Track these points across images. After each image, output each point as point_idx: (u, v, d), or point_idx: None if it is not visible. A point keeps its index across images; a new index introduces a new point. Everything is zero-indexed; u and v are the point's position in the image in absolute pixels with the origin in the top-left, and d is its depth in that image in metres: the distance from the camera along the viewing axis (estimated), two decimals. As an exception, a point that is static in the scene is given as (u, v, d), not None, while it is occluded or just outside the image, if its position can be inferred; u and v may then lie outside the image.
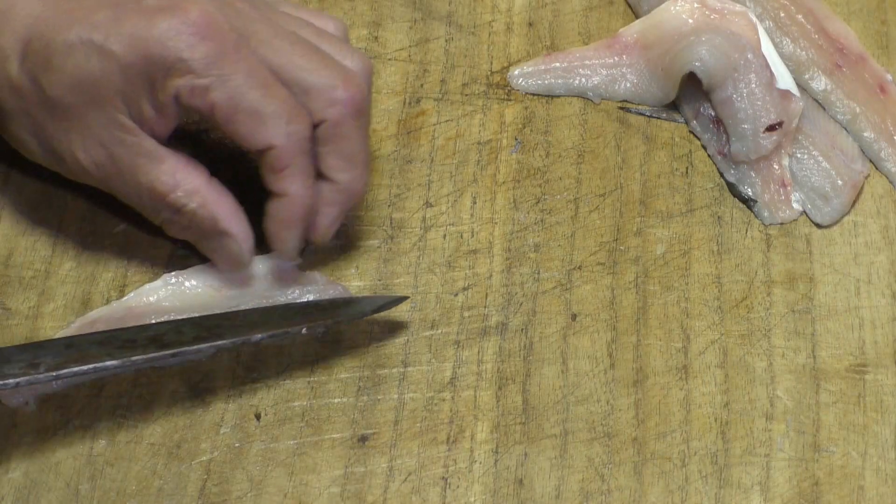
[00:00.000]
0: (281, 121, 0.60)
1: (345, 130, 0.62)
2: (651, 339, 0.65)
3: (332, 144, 0.62)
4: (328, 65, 0.61)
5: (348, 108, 0.61)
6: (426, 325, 0.65)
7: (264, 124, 0.60)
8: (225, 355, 0.64)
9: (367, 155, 0.63)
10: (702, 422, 0.63)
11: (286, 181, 0.61)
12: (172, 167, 0.61)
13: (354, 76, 0.62)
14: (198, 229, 0.62)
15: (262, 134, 0.60)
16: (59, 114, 0.60)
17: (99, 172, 0.62)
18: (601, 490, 0.61)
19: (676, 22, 0.70)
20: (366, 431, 0.62)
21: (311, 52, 0.62)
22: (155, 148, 0.61)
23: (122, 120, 0.60)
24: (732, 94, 0.69)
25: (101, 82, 0.59)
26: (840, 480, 0.61)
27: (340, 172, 0.62)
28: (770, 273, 0.67)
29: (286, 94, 0.60)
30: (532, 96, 0.73)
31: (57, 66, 0.59)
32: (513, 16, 0.76)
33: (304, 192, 0.62)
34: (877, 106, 0.72)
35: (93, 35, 0.59)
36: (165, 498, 0.60)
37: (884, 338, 0.66)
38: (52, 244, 0.66)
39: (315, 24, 0.64)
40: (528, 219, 0.69)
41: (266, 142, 0.60)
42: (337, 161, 0.62)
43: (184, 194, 0.61)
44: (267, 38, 0.61)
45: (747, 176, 0.70)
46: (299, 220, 0.62)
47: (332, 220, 0.63)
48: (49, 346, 0.60)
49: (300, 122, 0.60)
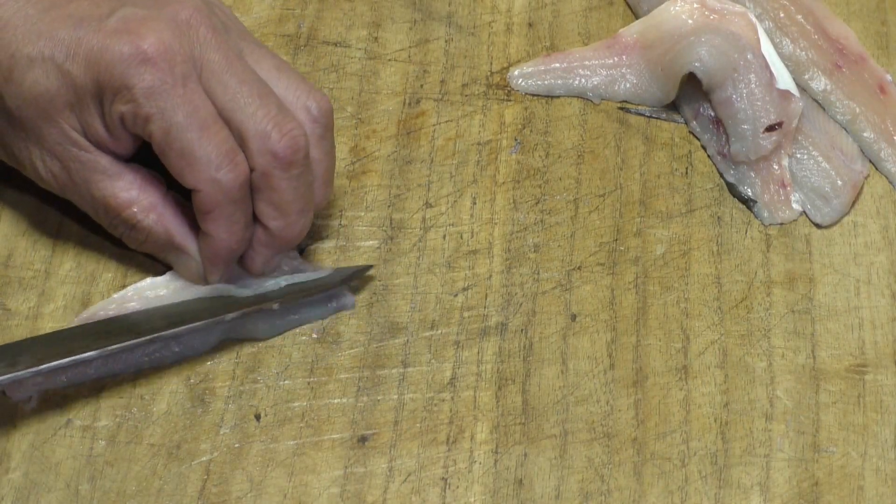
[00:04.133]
0: (210, 167, 0.59)
1: (274, 181, 0.60)
2: (651, 340, 0.65)
3: (263, 192, 0.61)
4: (270, 111, 0.60)
5: (278, 161, 0.60)
6: (426, 326, 0.65)
7: (192, 167, 0.59)
8: (224, 355, 0.64)
9: (304, 203, 0.62)
10: (702, 422, 0.63)
11: (210, 224, 0.61)
12: (128, 183, 0.61)
13: (293, 127, 0.60)
14: (154, 244, 0.63)
15: (190, 176, 0.59)
16: (18, 124, 0.61)
17: (56, 183, 0.62)
18: (601, 490, 0.61)
19: (676, 22, 0.70)
20: (366, 432, 0.62)
21: (259, 93, 0.60)
22: (110, 164, 0.61)
23: (75, 137, 0.60)
24: (732, 94, 0.69)
25: (57, 99, 0.59)
26: (840, 480, 0.61)
27: (270, 220, 0.62)
28: (770, 273, 0.67)
29: (224, 137, 0.59)
30: (532, 97, 0.73)
31: (17, 78, 0.59)
32: (513, 16, 0.76)
33: (228, 236, 0.61)
34: (877, 106, 0.72)
35: (54, 52, 0.59)
36: (165, 498, 0.60)
37: (884, 338, 0.66)
38: (52, 244, 0.66)
39: (283, 63, 0.63)
40: (527, 219, 0.69)
41: (192, 185, 0.60)
42: (267, 208, 0.61)
43: (139, 210, 0.61)
44: (218, 71, 0.60)
45: (747, 176, 0.70)
46: (222, 260, 0.62)
47: (265, 260, 0.63)
48: (27, 344, 0.61)
49: (231, 171, 0.59)
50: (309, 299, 0.64)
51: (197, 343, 0.63)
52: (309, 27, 0.75)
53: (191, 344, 0.63)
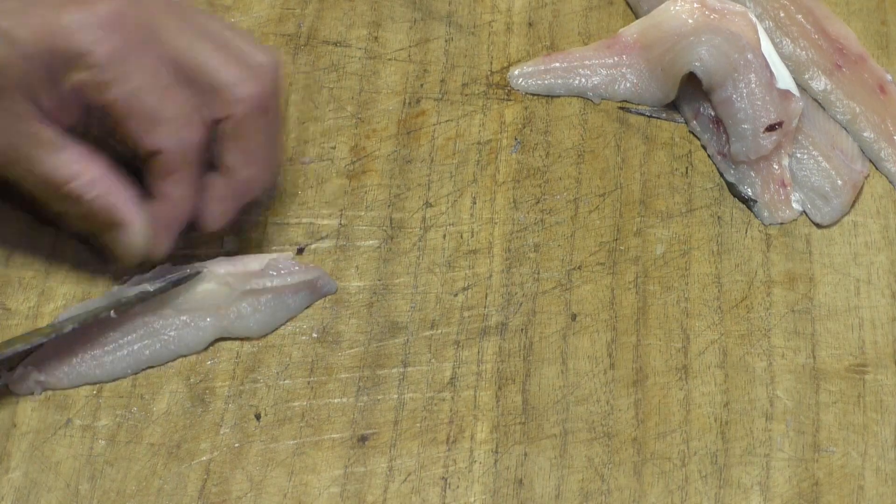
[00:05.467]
0: (174, 127, 0.60)
1: (248, 128, 0.61)
2: (651, 339, 0.65)
3: (234, 141, 0.62)
4: (234, 61, 0.61)
5: (253, 106, 0.61)
6: (426, 325, 0.65)
7: (156, 128, 0.60)
8: (224, 355, 0.64)
9: (271, 151, 0.63)
10: (702, 422, 0.63)
11: (170, 186, 0.61)
12: (73, 156, 0.61)
13: (261, 72, 0.62)
14: (96, 220, 0.62)
15: (153, 137, 0.60)
16: None
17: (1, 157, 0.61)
18: (601, 490, 0.61)
19: (676, 22, 0.70)
20: (366, 431, 0.62)
21: (218, 48, 0.61)
22: (54, 137, 0.60)
23: (20, 108, 0.59)
24: (732, 94, 0.69)
25: (4, 71, 0.58)
26: (840, 480, 0.62)
27: (241, 168, 0.62)
28: (770, 273, 0.67)
29: (184, 98, 0.60)
30: (532, 96, 0.73)
31: None
32: (513, 16, 0.76)
33: (187, 198, 0.62)
34: (877, 106, 0.72)
35: (1, 23, 0.58)
36: (165, 498, 0.60)
37: (884, 338, 0.66)
38: (52, 244, 0.66)
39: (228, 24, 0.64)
40: (527, 219, 0.69)
41: (156, 146, 0.60)
42: (237, 157, 0.62)
43: (84, 183, 0.61)
44: (175, 32, 0.61)
45: (747, 176, 0.70)
46: (178, 224, 0.63)
47: (225, 212, 0.64)
48: None
49: (193, 131, 0.60)
50: (290, 289, 0.64)
51: (191, 339, 0.63)
52: (309, 27, 0.75)
53: (185, 341, 0.63)
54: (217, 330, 0.64)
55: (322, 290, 0.65)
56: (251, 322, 0.64)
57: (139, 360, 0.63)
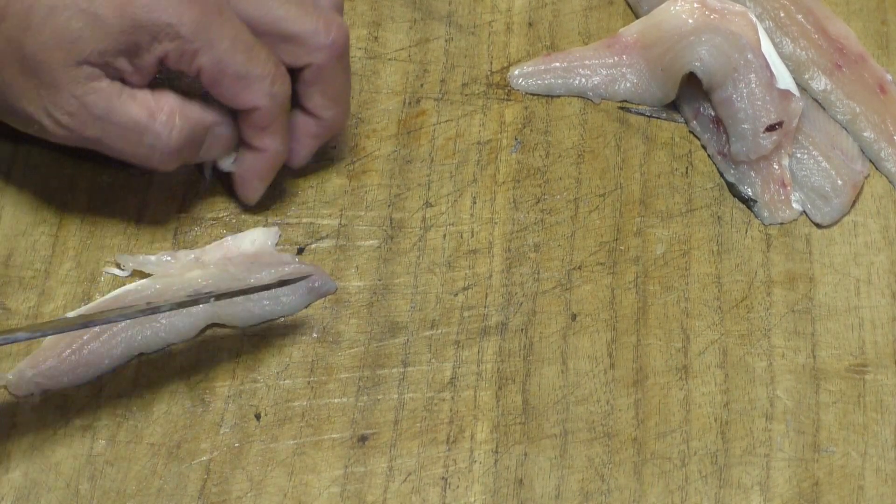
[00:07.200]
0: (265, 83, 0.63)
1: (330, 73, 0.65)
2: (651, 339, 0.65)
3: (318, 86, 0.65)
4: (308, 11, 0.64)
5: (334, 52, 0.64)
6: (426, 325, 0.65)
7: (249, 87, 0.63)
8: (224, 354, 0.64)
9: (349, 91, 0.67)
10: (702, 422, 0.63)
11: (267, 139, 0.65)
12: (147, 97, 0.62)
13: (335, 18, 0.65)
14: (190, 140, 0.64)
15: (248, 96, 0.63)
16: (32, 72, 0.61)
17: (73, 122, 0.62)
18: (601, 490, 0.61)
19: (676, 22, 0.70)
20: (366, 431, 0.62)
21: (288, 1, 0.64)
22: (125, 88, 0.62)
23: (94, 73, 0.61)
24: (732, 94, 0.69)
25: (80, 42, 0.60)
26: (840, 480, 0.62)
27: (325, 110, 0.66)
28: (770, 273, 0.67)
29: (267, 54, 0.63)
30: (532, 96, 0.73)
31: (37, 26, 0.60)
32: (513, 16, 0.76)
33: (283, 147, 0.66)
34: (877, 106, 0.72)
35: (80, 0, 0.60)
36: (165, 498, 0.60)
37: (884, 338, 0.66)
38: (52, 244, 0.66)
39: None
40: (527, 219, 0.69)
41: (251, 103, 0.63)
42: (322, 100, 0.66)
43: (168, 113, 0.62)
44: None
45: (747, 176, 0.70)
46: (273, 173, 0.67)
47: (312, 149, 0.68)
48: None
49: (284, 83, 0.64)
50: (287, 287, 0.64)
51: (182, 327, 0.63)
52: (309, 27, 0.75)
53: (176, 329, 0.63)
54: (209, 316, 0.63)
55: (321, 290, 0.65)
56: (240, 310, 0.64)
57: (131, 347, 0.63)
